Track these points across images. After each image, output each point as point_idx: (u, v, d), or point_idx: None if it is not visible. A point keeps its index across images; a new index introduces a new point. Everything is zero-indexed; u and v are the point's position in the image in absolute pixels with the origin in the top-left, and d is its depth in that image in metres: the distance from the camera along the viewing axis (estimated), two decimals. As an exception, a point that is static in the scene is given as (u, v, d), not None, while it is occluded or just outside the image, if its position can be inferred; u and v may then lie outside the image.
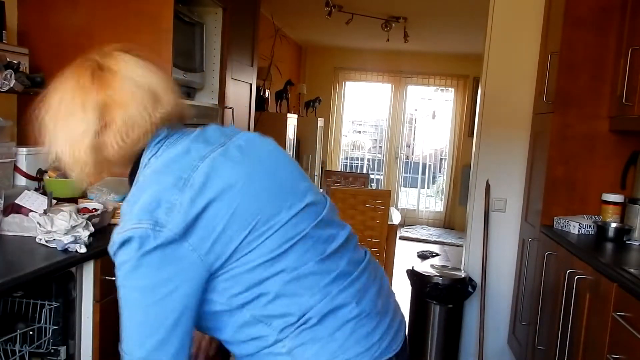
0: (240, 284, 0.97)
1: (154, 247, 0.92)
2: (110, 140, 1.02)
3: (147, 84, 1.04)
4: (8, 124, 2.20)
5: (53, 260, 1.58)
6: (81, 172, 1.06)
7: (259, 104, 4.74)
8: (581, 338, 2.15)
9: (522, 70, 3.25)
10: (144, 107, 1.02)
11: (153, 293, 0.93)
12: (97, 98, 1.00)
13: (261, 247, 0.97)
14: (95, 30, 2.38)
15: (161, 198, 0.94)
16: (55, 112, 1.04)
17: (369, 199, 3.78)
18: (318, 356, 1.00)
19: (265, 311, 0.99)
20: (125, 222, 0.95)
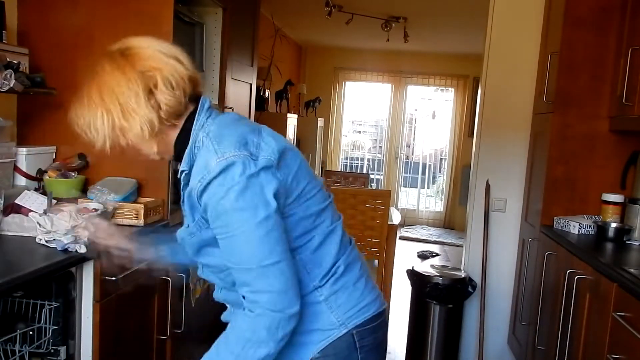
0: (299, 226, 1.18)
1: (258, 169, 1.08)
2: (161, 99, 1.14)
3: (169, 52, 1.19)
4: (8, 124, 2.20)
5: (53, 260, 1.58)
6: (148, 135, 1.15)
7: (259, 104, 4.74)
8: (581, 338, 2.15)
9: (522, 70, 3.25)
10: (174, 69, 1.17)
11: (262, 209, 1.07)
12: (134, 69, 1.14)
13: (315, 197, 1.21)
14: (95, 30, 2.38)
15: (247, 138, 1.12)
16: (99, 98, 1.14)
17: (369, 199, 3.78)
18: (348, 301, 1.22)
19: (310, 257, 1.20)
20: (218, 153, 1.09)
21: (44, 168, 2.28)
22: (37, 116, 2.43)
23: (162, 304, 2.19)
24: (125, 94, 1.13)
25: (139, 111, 1.13)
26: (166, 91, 1.14)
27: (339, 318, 1.21)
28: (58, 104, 2.40)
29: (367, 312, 1.25)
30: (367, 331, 1.24)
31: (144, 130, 1.15)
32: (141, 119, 1.14)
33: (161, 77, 1.14)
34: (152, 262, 1.64)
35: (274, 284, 1.08)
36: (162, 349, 2.22)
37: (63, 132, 2.42)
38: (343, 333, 1.21)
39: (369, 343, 1.24)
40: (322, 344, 1.20)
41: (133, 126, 1.14)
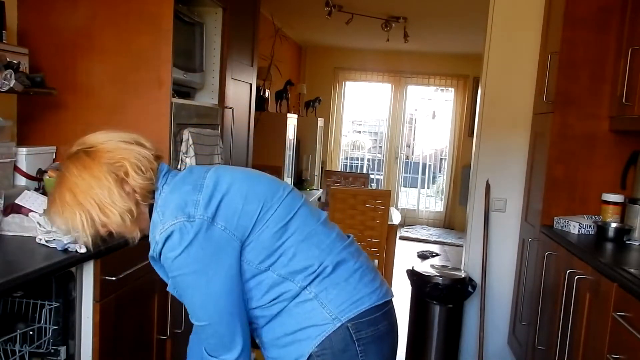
0: (265, 249, 1.24)
1: (193, 234, 1.17)
2: (134, 184, 1.24)
3: (129, 138, 1.28)
4: (8, 124, 2.20)
5: (53, 260, 1.58)
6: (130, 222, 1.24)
7: (259, 104, 4.74)
8: (581, 338, 2.15)
9: (522, 70, 3.25)
10: (139, 154, 1.26)
11: (205, 272, 1.19)
12: (101, 165, 1.21)
13: (274, 216, 1.25)
14: (95, 30, 2.38)
15: (186, 199, 1.20)
16: (73, 200, 1.20)
17: (369, 199, 3.78)
18: (339, 296, 1.26)
19: (288, 269, 1.25)
20: (162, 224, 1.19)
21: (44, 168, 2.28)
22: (37, 116, 2.44)
23: (162, 304, 2.19)
24: (99, 192, 1.20)
25: (117, 204, 1.22)
26: (137, 176, 1.23)
27: (331, 312, 1.25)
28: (58, 104, 2.40)
29: (361, 305, 1.28)
30: (364, 323, 1.27)
31: (125, 219, 1.24)
32: (120, 210, 1.22)
33: (129, 164, 1.23)
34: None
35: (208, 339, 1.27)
36: (162, 349, 2.22)
37: (63, 132, 2.42)
38: (337, 326, 1.25)
39: (367, 335, 1.27)
40: (319, 339, 1.25)
41: (114, 219, 1.23)
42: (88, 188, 1.20)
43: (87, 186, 1.20)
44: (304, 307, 1.26)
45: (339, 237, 1.35)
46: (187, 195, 1.21)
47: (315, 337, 1.25)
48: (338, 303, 1.26)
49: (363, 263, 1.35)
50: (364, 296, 1.29)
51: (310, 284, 1.26)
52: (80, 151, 1.24)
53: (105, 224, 1.24)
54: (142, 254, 1.97)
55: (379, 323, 1.30)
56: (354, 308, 1.27)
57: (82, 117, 2.41)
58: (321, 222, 1.34)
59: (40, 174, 2.26)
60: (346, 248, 1.34)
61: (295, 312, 1.26)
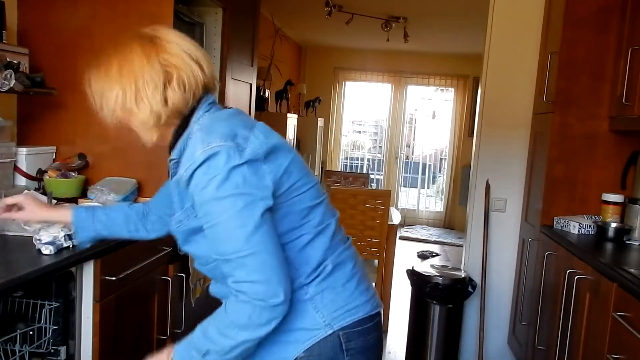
0: (289, 221, 1.18)
1: (241, 162, 1.09)
2: (170, 96, 1.17)
3: (194, 55, 1.21)
4: (8, 124, 2.20)
5: (53, 260, 1.58)
6: (152, 124, 1.19)
7: (259, 104, 4.74)
8: (581, 338, 2.15)
9: (522, 70, 3.25)
10: (192, 73, 1.19)
11: (241, 199, 1.08)
12: (158, 58, 1.17)
13: (308, 192, 1.21)
14: (95, 30, 2.38)
15: (236, 132, 1.13)
16: (118, 73, 1.17)
17: (369, 199, 3.78)
18: (334, 302, 1.21)
19: (298, 253, 1.19)
20: (205, 143, 1.10)
21: (44, 168, 2.28)
22: (37, 116, 2.44)
23: (162, 304, 2.19)
24: (146, 80, 1.15)
25: (152, 100, 1.16)
26: (178, 91, 1.17)
27: (324, 318, 1.20)
28: (58, 104, 2.40)
29: (356, 314, 1.22)
30: (355, 334, 1.22)
31: (150, 119, 1.18)
32: (151, 108, 1.17)
33: (177, 76, 1.17)
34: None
35: (252, 274, 1.08)
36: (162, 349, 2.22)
37: (63, 132, 2.43)
38: (328, 334, 1.19)
39: (357, 346, 1.22)
40: (308, 344, 1.19)
41: (142, 112, 1.18)
42: (138, 71, 1.16)
43: (139, 69, 1.16)
44: (296, 307, 1.18)
45: (343, 238, 1.32)
46: (237, 128, 1.14)
47: (304, 341, 1.19)
48: (333, 309, 1.21)
49: (360, 269, 1.30)
50: (359, 305, 1.24)
51: (310, 284, 1.20)
52: (149, 36, 1.19)
53: (132, 114, 1.18)
54: (142, 254, 1.97)
55: (369, 334, 1.24)
56: (348, 316, 1.21)
57: (82, 117, 2.41)
58: (336, 219, 1.29)
59: (40, 174, 2.26)
60: (345, 251, 1.29)
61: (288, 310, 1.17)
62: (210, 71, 1.24)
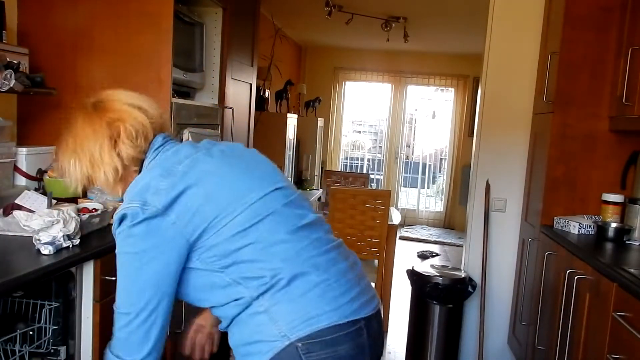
0: (219, 251, 1.19)
1: (141, 219, 1.17)
2: (122, 148, 1.28)
3: (134, 103, 1.32)
4: (8, 124, 2.20)
5: (53, 260, 1.58)
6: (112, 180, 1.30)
7: (259, 104, 4.74)
8: (581, 338, 2.15)
9: (522, 70, 3.24)
10: (136, 119, 1.30)
11: (140, 257, 1.18)
12: (102, 122, 1.28)
13: (234, 222, 1.20)
14: (95, 30, 2.38)
15: (150, 184, 1.20)
16: (73, 147, 1.30)
17: (369, 199, 3.78)
18: (293, 313, 1.19)
19: (242, 274, 1.20)
20: (122, 205, 1.21)
21: (44, 168, 2.28)
22: (37, 116, 2.44)
23: (162, 304, 2.19)
24: (92, 145, 1.27)
25: (104, 160, 1.28)
26: (127, 142, 1.28)
27: (279, 329, 1.18)
28: (58, 104, 2.40)
29: (317, 324, 1.18)
30: (317, 344, 1.17)
31: (109, 176, 1.29)
32: (105, 167, 1.28)
33: (124, 128, 1.28)
34: None
35: (120, 329, 1.22)
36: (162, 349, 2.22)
37: (63, 132, 2.42)
38: (286, 345, 1.17)
39: (320, 357, 1.18)
40: (269, 355, 1.18)
41: (99, 174, 1.29)
42: (84, 139, 1.28)
43: (84, 137, 1.28)
44: (254, 319, 1.20)
45: (314, 245, 1.25)
46: (153, 180, 1.21)
47: (265, 352, 1.19)
48: (289, 319, 1.18)
49: (333, 275, 1.23)
50: (321, 314, 1.18)
51: (262, 296, 1.19)
52: (91, 103, 1.31)
53: (91, 177, 1.30)
54: (142, 254, 1.97)
55: (337, 345, 1.18)
56: (306, 327, 1.17)
57: (82, 117, 2.41)
58: (293, 230, 1.24)
59: (40, 174, 2.26)
60: (318, 257, 1.24)
61: (249, 323, 1.21)
62: (154, 112, 1.34)
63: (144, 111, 1.31)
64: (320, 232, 1.30)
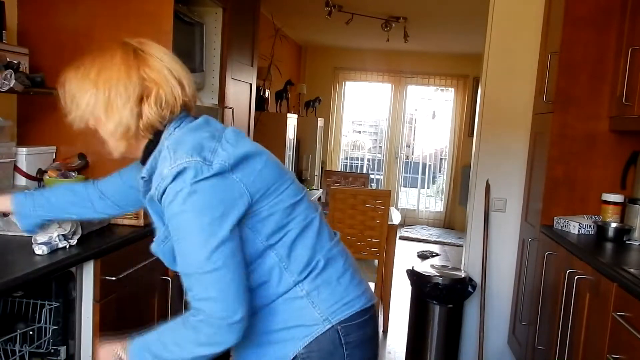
0: (274, 221, 1.18)
1: (208, 175, 1.09)
2: (145, 111, 1.18)
3: (177, 73, 1.22)
4: (8, 124, 2.20)
5: (53, 260, 1.58)
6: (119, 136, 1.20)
7: (259, 104, 4.74)
8: (581, 338, 2.15)
9: (522, 70, 3.24)
10: (172, 90, 1.20)
11: (207, 214, 1.08)
12: (139, 72, 1.17)
13: (287, 191, 1.21)
14: (95, 30, 2.38)
15: (203, 144, 1.13)
16: (94, 78, 1.17)
17: (369, 199, 3.78)
18: (331, 297, 1.22)
19: (287, 252, 1.19)
20: (172, 160, 1.11)
21: (44, 168, 2.28)
22: (37, 116, 2.44)
23: (162, 304, 2.19)
24: (119, 91, 1.16)
25: (122, 112, 1.17)
26: (154, 107, 1.18)
27: (322, 313, 1.20)
28: (58, 104, 2.39)
29: (352, 308, 1.24)
30: (353, 327, 1.23)
31: (117, 130, 1.19)
32: (119, 120, 1.17)
33: (155, 92, 1.18)
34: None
35: (210, 291, 1.08)
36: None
37: (63, 132, 2.42)
38: (327, 328, 1.20)
39: (355, 339, 1.23)
40: (306, 340, 1.19)
41: (110, 122, 1.18)
42: (114, 80, 1.16)
43: (115, 79, 1.16)
44: (292, 304, 1.20)
45: (330, 234, 1.31)
46: (204, 140, 1.15)
47: (302, 337, 1.19)
48: (330, 303, 1.21)
49: (351, 264, 1.31)
50: (354, 298, 1.25)
51: (304, 280, 1.20)
52: (132, 47, 1.20)
53: (99, 122, 1.20)
54: (142, 253, 1.97)
55: (365, 327, 1.26)
56: (345, 310, 1.23)
57: (82, 117, 2.41)
58: (319, 214, 1.30)
59: (40, 174, 2.26)
60: (335, 246, 1.29)
61: (282, 310, 1.20)
62: (191, 91, 1.25)
63: (183, 87, 1.22)
64: (327, 225, 1.34)
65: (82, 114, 1.19)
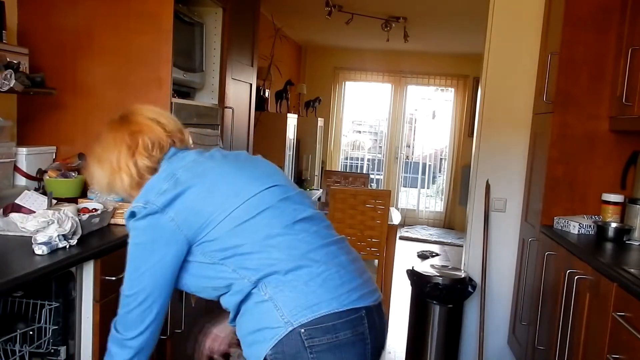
0: (219, 244, 1.28)
1: (143, 215, 1.28)
2: (139, 157, 1.37)
3: (155, 118, 1.42)
4: (8, 124, 2.20)
5: (53, 260, 1.58)
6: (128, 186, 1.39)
7: (259, 104, 4.74)
8: (581, 338, 2.15)
9: (522, 70, 3.24)
10: (154, 132, 1.39)
11: (141, 248, 1.31)
12: (124, 133, 1.39)
13: (230, 217, 1.28)
14: (95, 30, 2.38)
15: (154, 186, 1.32)
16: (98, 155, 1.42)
17: (369, 199, 3.78)
18: (295, 300, 1.25)
19: (241, 265, 1.27)
20: (132, 204, 1.33)
21: (44, 168, 2.28)
22: (37, 116, 2.44)
23: (162, 304, 2.18)
24: (112, 153, 1.38)
25: (121, 167, 1.37)
26: (143, 152, 1.37)
27: (283, 316, 1.24)
28: (58, 104, 2.40)
29: (318, 311, 1.24)
30: (318, 330, 1.23)
31: (124, 183, 1.38)
32: (122, 174, 1.37)
33: (142, 139, 1.37)
34: None
35: (121, 308, 1.34)
36: (162, 349, 2.22)
37: (63, 132, 2.43)
38: (289, 331, 1.23)
39: (321, 343, 1.23)
40: (273, 342, 1.24)
41: (117, 180, 1.39)
42: (107, 148, 1.39)
43: (107, 146, 1.39)
44: (260, 307, 1.26)
45: (312, 239, 1.32)
46: (157, 182, 1.32)
47: (270, 339, 1.24)
48: (292, 306, 1.24)
49: (333, 267, 1.29)
50: (321, 301, 1.24)
51: (265, 285, 1.26)
52: (119, 116, 1.43)
53: (112, 183, 1.40)
54: (142, 254, 1.97)
55: (338, 331, 1.24)
56: (308, 313, 1.23)
57: (82, 117, 2.41)
58: (289, 224, 1.31)
59: (40, 174, 2.26)
60: (318, 250, 1.30)
61: (255, 312, 1.27)
62: (173, 127, 1.43)
63: (163, 125, 1.41)
64: (320, 226, 1.36)
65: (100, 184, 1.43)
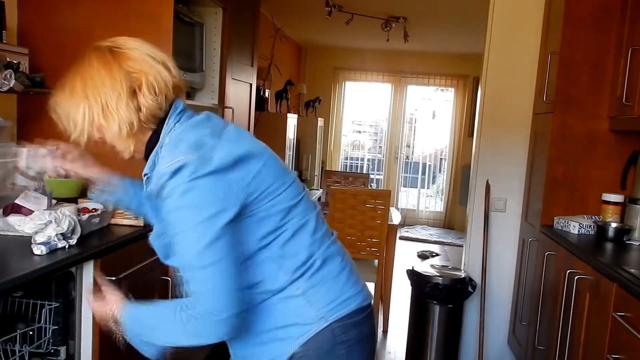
0: (268, 225, 1.17)
1: (205, 172, 1.09)
2: (142, 102, 1.17)
3: (158, 57, 1.21)
4: (8, 124, 2.20)
5: (53, 260, 1.58)
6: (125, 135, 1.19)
7: (259, 104, 4.74)
8: (581, 338, 2.15)
9: (522, 70, 3.24)
10: (160, 75, 1.19)
11: (202, 211, 1.08)
12: (122, 67, 1.16)
13: (285, 193, 1.20)
14: (95, 30, 2.38)
15: (203, 141, 1.14)
16: (83, 92, 1.17)
17: (369, 199, 3.78)
18: (327, 295, 1.22)
19: (280, 251, 1.19)
20: (171, 156, 1.11)
21: (44, 168, 2.27)
22: (37, 116, 2.43)
23: (162, 304, 2.18)
24: (108, 93, 1.15)
25: (120, 112, 1.16)
26: (149, 95, 1.17)
27: (318, 312, 1.20)
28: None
29: (349, 306, 1.23)
30: (350, 325, 1.23)
31: (122, 130, 1.18)
32: (121, 119, 1.17)
33: (146, 80, 1.17)
34: (117, 204, 1.60)
35: (202, 287, 1.09)
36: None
37: (63, 132, 2.42)
38: (323, 327, 1.20)
39: (351, 337, 1.23)
40: (303, 338, 1.19)
41: (111, 125, 1.18)
42: (100, 85, 1.16)
43: (100, 82, 1.16)
44: (288, 303, 1.20)
45: (328, 232, 1.32)
46: (204, 138, 1.15)
47: (299, 336, 1.19)
48: (326, 302, 1.21)
49: (348, 262, 1.31)
50: (351, 296, 1.25)
51: (299, 279, 1.20)
52: (107, 47, 1.19)
53: (102, 128, 1.19)
54: (142, 253, 1.97)
55: (362, 325, 1.26)
56: (342, 308, 1.22)
57: (82, 117, 2.40)
58: (317, 213, 1.30)
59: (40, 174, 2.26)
60: (333, 244, 1.29)
61: (278, 309, 1.20)
62: (177, 71, 1.24)
63: (168, 69, 1.21)
64: (326, 223, 1.34)
65: (83, 129, 1.19)
